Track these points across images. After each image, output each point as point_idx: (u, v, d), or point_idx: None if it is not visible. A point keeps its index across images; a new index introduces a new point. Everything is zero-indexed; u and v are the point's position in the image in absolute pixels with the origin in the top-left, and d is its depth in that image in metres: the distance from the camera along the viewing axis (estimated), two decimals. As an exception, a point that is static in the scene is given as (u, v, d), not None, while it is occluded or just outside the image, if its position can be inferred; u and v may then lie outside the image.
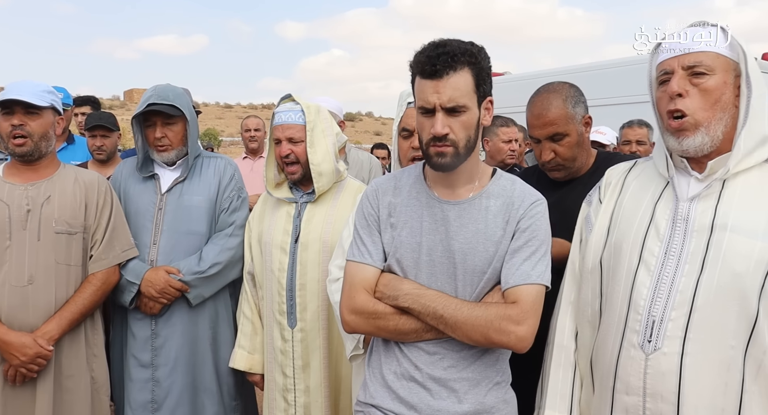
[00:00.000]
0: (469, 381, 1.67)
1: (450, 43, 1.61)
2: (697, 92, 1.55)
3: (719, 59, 1.56)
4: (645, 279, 1.59)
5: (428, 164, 1.69)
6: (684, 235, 1.57)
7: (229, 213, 2.72)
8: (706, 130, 1.56)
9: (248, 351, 2.60)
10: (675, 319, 1.53)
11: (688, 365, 1.51)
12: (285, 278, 2.44)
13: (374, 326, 1.69)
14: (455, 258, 1.66)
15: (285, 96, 2.56)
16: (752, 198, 1.54)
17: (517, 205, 1.68)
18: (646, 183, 1.72)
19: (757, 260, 1.48)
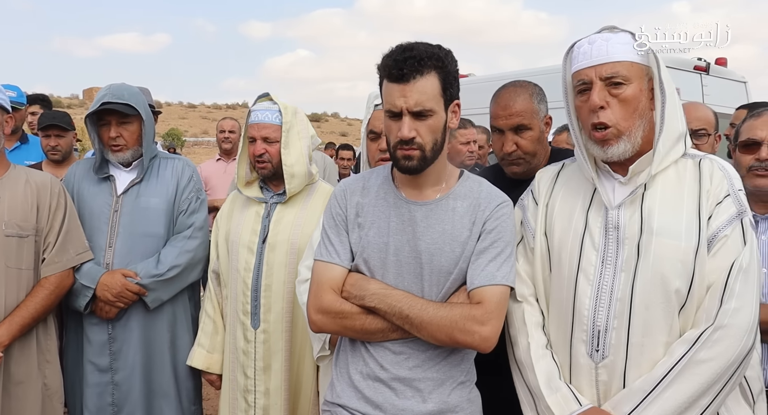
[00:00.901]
0: (434, 381, 1.67)
1: (417, 46, 1.61)
2: (617, 103, 1.61)
3: (634, 67, 1.62)
4: (586, 288, 1.65)
5: (395, 167, 1.71)
6: (617, 242, 1.63)
7: (188, 215, 2.67)
8: (628, 137, 1.62)
9: (207, 350, 2.56)
10: (618, 327, 1.59)
11: (631, 368, 1.58)
12: (250, 278, 2.41)
13: (341, 325, 1.69)
14: (422, 258, 1.67)
15: (262, 95, 2.54)
16: (671, 198, 1.62)
17: (484, 206, 1.70)
18: (574, 188, 1.77)
19: (682, 260, 1.56)
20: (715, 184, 1.61)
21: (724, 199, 1.59)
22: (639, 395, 1.54)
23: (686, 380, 1.50)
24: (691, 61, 6.24)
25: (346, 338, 1.78)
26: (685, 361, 1.51)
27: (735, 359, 1.50)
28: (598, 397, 1.63)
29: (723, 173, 1.63)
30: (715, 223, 1.57)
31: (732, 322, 1.50)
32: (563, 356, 1.70)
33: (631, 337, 1.58)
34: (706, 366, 1.50)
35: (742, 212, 1.59)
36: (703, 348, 1.51)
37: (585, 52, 1.65)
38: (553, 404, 1.63)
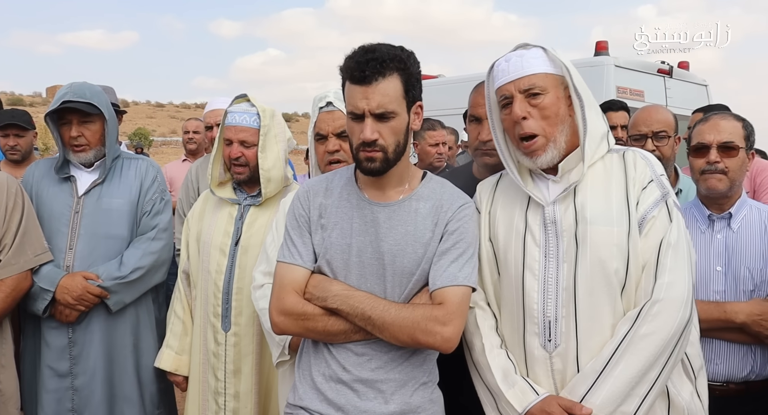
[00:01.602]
0: (396, 382, 1.68)
1: (379, 48, 1.61)
2: (538, 112, 1.70)
3: (548, 78, 1.71)
4: (533, 283, 1.71)
5: (358, 169, 1.71)
6: (556, 236, 1.72)
7: (152, 216, 2.63)
8: (554, 144, 1.71)
9: (176, 352, 2.53)
10: (566, 315, 1.67)
11: (583, 353, 1.65)
12: (222, 280, 2.38)
13: (303, 327, 1.68)
14: (384, 259, 1.67)
15: (240, 95, 2.50)
16: (601, 188, 1.71)
17: (446, 207, 1.71)
18: (513, 194, 1.85)
19: (617, 244, 1.65)
20: (639, 172, 1.71)
21: (648, 185, 1.69)
22: (591, 376, 1.60)
23: (633, 356, 1.57)
24: (655, 64, 6.38)
25: (309, 340, 1.77)
26: (630, 337, 1.59)
27: (675, 331, 1.58)
28: (555, 386, 1.69)
29: (645, 161, 1.74)
30: (642, 207, 1.67)
31: (667, 295, 1.59)
32: (518, 352, 1.75)
33: (579, 323, 1.65)
34: (649, 340, 1.57)
35: (665, 194, 1.69)
36: (644, 323, 1.58)
37: (503, 70, 1.75)
38: (511, 398, 1.67)
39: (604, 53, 5.10)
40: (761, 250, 2.11)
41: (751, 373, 2.08)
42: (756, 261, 2.10)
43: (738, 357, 2.09)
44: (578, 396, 1.61)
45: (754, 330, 2.03)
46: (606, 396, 1.57)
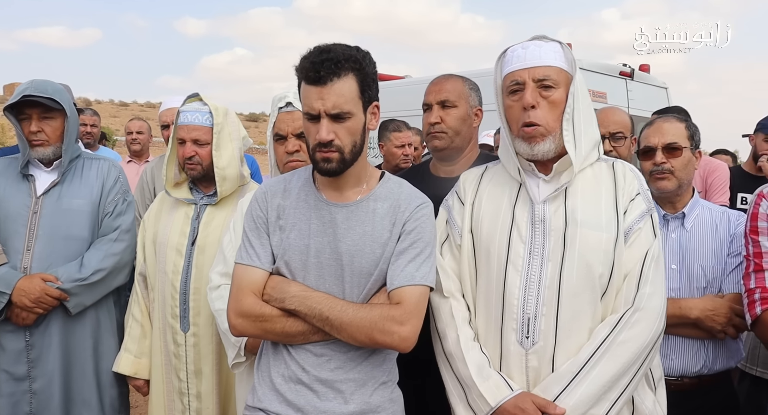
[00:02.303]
0: (356, 382, 1.68)
1: (334, 48, 1.61)
2: (547, 104, 1.72)
3: (562, 74, 1.74)
4: (515, 279, 1.73)
5: (315, 169, 1.71)
6: (543, 234, 1.74)
7: (114, 217, 2.59)
8: (553, 138, 1.74)
9: (135, 355, 2.50)
10: (547, 314, 1.68)
11: (559, 353, 1.67)
12: (179, 280, 2.37)
13: (261, 329, 1.68)
14: (342, 260, 1.67)
15: (192, 95, 2.49)
16: (591, 194, 1.76)
17: (404, 207, 1.72)
18: (500, 186, 1.87)
19: (604, 250, 1.69)
20: (628, 183, 1.77)
21: (636, 197, 1.76)
22: (567, 377, 1.63)
23: (609, 361, 1.62)
24: (617, 66, 6.50)
25: (268, 341, 1.77)
26: (608, 343, 1.63)
27: (650, 340, 1.65)
28: (527, 383, 1.71)
29: (633, 174, 1.81)
30: (629, 217, 1.73)
31: (648, 305, 1.65)
32: (493, 346, 1.76)
33: (560, 322, 1.68)
34: (626, 346, 1.62)
35: (650, 208, 1.77)
36: (624, 330, 1.64)
37: (519, 56, 1.76)
38: (485, 392, 1.68)
39: None
40: (713, 248, 2.18)
41: (704, 367, 2.14)
42: (708, 259, 2.17)
43: (692, 352, 2.15)
44: (552, 395, 1.63)
45: (707, 325, 2.09)
46: (580, 398, 1.60)
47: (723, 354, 2.16)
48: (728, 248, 2.18)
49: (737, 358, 2.23)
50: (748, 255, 2.04)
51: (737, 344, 2.21)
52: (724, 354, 2.16)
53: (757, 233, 2.01)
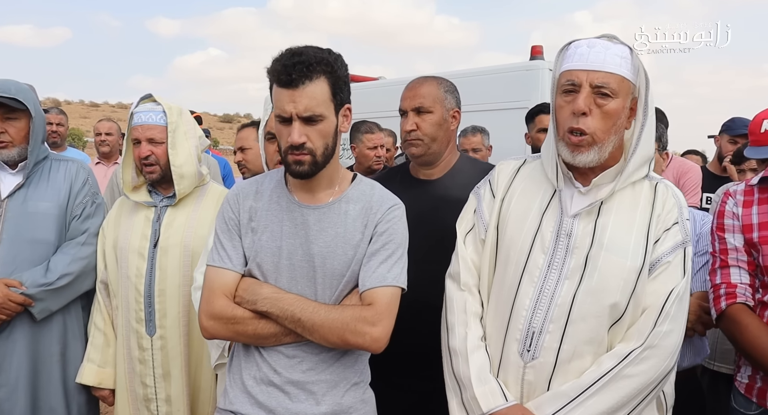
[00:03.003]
0: (328, 383, 1.69)
1: (306, 51, 1.61)
2: (600, 113, 1.61)
3: (624, 83, 1.63)
4: (528, 290, 1.68)
5: (287, 172, 1.71)
6: (566, 250, 1.67)
7: (82, 220, 2.54)
8: (600, 149, 1.64)
9: (98, 365, 2.46)
10: (552, 331, 1.64)
11: (558, 373, 1.63)
12: (143, 284, 2.34)
13: (233, 331, 1.67)
14: (315, 262, 1.67)
15: (145, 96, 2.47)
16: (625, 216, 1.67)
17: (375, 209, 1.72)
18: (533, 187, 1.78)
19: (625, 279, 1.62)
20: (667, 211, 1.68)
21: (672, 227, 1.66)
22: (563, 399, 1.59)
23: (610, 392, 1.56)
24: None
25: (239, 343, 1.76)
26: (613, 374, 1.57)
27: (657, 377, 1.59)
28: (522, 396, 1.67)
29: (675, 201, 1.70)
30: (660, 248, 1.64)
31: (662, 343, 1.58)
32: (495, 350, 1.73)
33: (564, 343, 1.62)
34: (630, 381, 1.56)
35: (686, 241, 1.67)
36: (632, 364, 1.57)
37: (582, 54, 1.64)
38: (480, 396, 1.65)
39: (539, 57, 5.23)
40: None
41: None
42: None
43: None
44: (544, 414, 1.60)
45: None
46: None
47: (690, 352, 2.20)
48: (695, 248, 2.21)
49: (703, 355, 2.28)
50: (714, 251, 2.08)
51: (703, 341, 2.26)
52: (691, 351, 2.20)
53: (723, 230, 2.06)
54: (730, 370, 2.54)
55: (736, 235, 2.03)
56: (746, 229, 2.01)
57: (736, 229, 2.03)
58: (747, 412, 2.00)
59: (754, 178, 2.10)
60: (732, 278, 2.01)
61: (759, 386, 1.97)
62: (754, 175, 2.12)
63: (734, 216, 2.04)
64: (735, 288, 1.99)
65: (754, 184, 2.06)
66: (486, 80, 5.72)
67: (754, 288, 2.00)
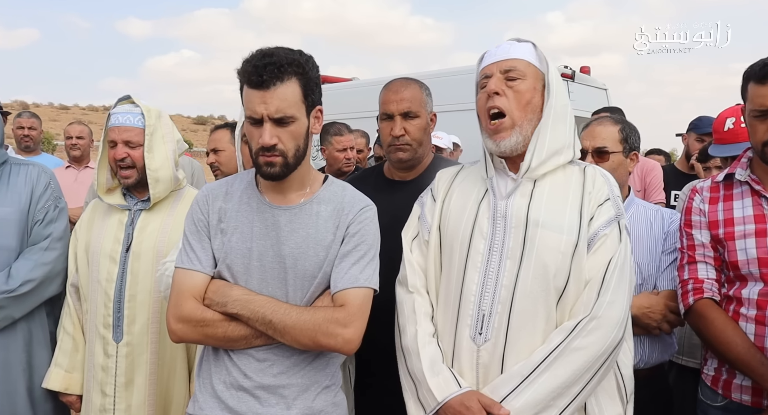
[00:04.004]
0: (299, 386, 1.67)
1: (277, 52, 1.60)
2: (512, 93, 1.73)
3: (530, 67, 1.76)
4: (473, 276, 1.72)
5: (258, 173, 1.69)
6: (504, 231, 1.73)
7: (45, 225, 2.48)
8: (520, 129, 1.73)
9: (66, 370, 2.40)
10: (501, 311, 1.68)
11: (509, 352, 1.66)
12: (113, 288, 2.29)
13: (202, 334, 1.65)
14: (286, 263, 1.66)
15: (123, 97, 2.43)
16: (558, 195, 1.74)
17: (347, 210, 1.72)
18: (470, 186, 1.86)
19: (563, 252, 1.67)
20: (597, 188, 1.75)
21: (604, 202, 1.74)
22: (517, 379, 1.61)
23: (561, 367, 1.59)
24: (559, 68, 6.66)
25: (209, 347, 1.73)
26: (562, 348, 1.60)
27: (606, 350, 1.61)
28: (477, 379, 1.70)
29: (604, 179, 1.79)
30: (596, 223, 1.70)
31: (606, 313, 1.62)
32: (448, 341, 1.76)
33: (512, 322, 1.66)
34: (579, 354, 1.60)
35: (619, 214, 1.74)
36: (578, 337, 1.61)
37: (491, 53, 1.81)
38: (434, 387, 1.67)
39: None
40: (648, 246, 2.25)
41: (641, 362, 2.20)
42: (643, 256, 2.23)
43: None
44: (499, 396, 1.61)
45: (643, 322, 2.13)
46: (527, 402, 1.58)
47: (658, 348, 2.23)
48: (662, 246, 2.24)
49: (671, 351, 2.31)
50: (682, 248, 2.12)
51: (671, 338, 2.29)
52: (659, 348, 2.23)
53: (690, 227, 2.09)
54: (696, 364, 2.59)
55: (703, 231, 2.06)
56: (712, 225, 2.04)
57: (702, 225, 2.06)
58: (713, 403, 2.04)
59: (719, 175, 2.13)
60: (699, 273, 2.04)
61: (724, 378, 2.01)
62: (719, 173, 2.15)
63: (701, 213, 2.08)
64: (702, 283, 2.02)
65: (719, 181, 2.09)
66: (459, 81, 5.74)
67: (720, 283, 2.03)
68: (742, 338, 1.89)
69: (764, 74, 1.85)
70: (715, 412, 2.03)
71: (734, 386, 1.97)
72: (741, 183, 2.02)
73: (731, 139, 2.70)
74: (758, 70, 1.88)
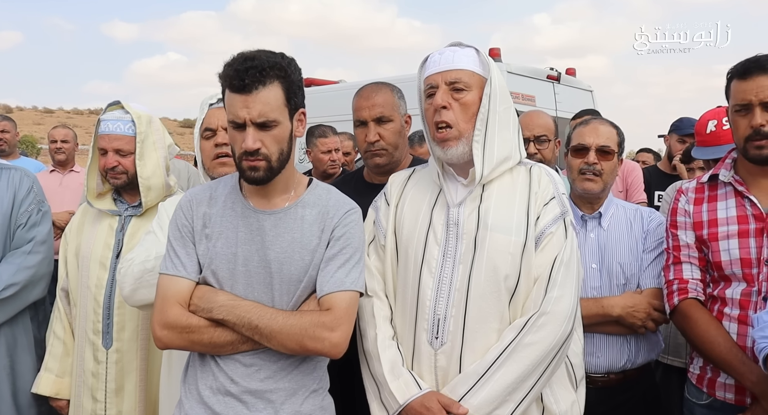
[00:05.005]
0: (286, 391, 1.66)
1: (259, 56, 1.59)
2: (458, 106, 1.76)
3: (474, 77, 1.78)
4: (428, 280, 1.77)
5: (242, 178, 1.68)
6: (456, 238, 1.78)
7: (28, 228, 2.46)
8: (466, 139, 1.77)
9: (56, 374, 2.38)
10: (455, 315, 1.72)
11: (466, 354, 1.71)
12: (102, 295, 2.27)
13: (188, 340, 1.64)
14: (271, 268, 1.65)
15: (113, 103, 2.39)
16: (505, 198, 1.79)
17: (332, 214, 1.71)
18: (422, 190, 1.90)
19: (512, 253, 1.73)
20: (543, 188, 1.80)
21: (550, 201, 1.79)
22: (473, 377, 1.67)
23: (514, 363, 1.65)
24: (545, 70, 6.71)
25: (195, 353, 1.72)
26: (514, 345, 1.66)
27: (556, 343, 1.67)
28: (437, 382, 1.74)
29: (549, 178, 1.83)
30: (542, 222, 1.76)
31: (554, 309, 1.68)
32: (407, 345, 1.80)
33: (467, 324, 1.71)
34: (532, 349, 1.65)
35: (564, 212, 1.80)
36: (530, 333, 1.67)
37: (435, 61, 1.81)
38: (395, 389, 1.71)
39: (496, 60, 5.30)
40: (629, 245, 2.26)
41: (628, 362, 2.21)
42: (625, 256, 2.24)
43: (616, 349, 2.21)
44: (458, 396, 1.67)
45: (628, 322, 2.15)
46: (484, 398, 1.64)
47: (645, 348, 2.24)
48: (643, 245, 2.26)
49: (657, 350, 2.33)
50: (668, 248, 2.14)
51: (657, 336, 2.31)
52: (646, 347, 2.25)
53: (676, 227, 2.11)
54: (682, 363, 2.62)
55: (688, 232, 2.08)
56: (696, 226, 2.06)
57: (687, 226, 2.08)
58: (698, 401, 2.06)
59: (704, 175, 2.15)
60: (684, 273, 2.06)
61: (709, 377, 2.03)
62: (703, 173, 2.17)
63: (686, 213, 2.10)
64: (687, 284, 2.04)
65: (704, 181, 2.11)
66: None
67: (705, 283, 2.05)
68: (724, 337, 1.91)
69: (745, 70, 1.91)
70: (701, 410, 2.05)
71: (718, 384, 1.99)
72: (725, 184, 2.04)
73: (713, 141, 2.73)
74: (740, 67, 1.93)
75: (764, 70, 1.87)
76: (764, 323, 1.68)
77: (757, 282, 1.90)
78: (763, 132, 1.88)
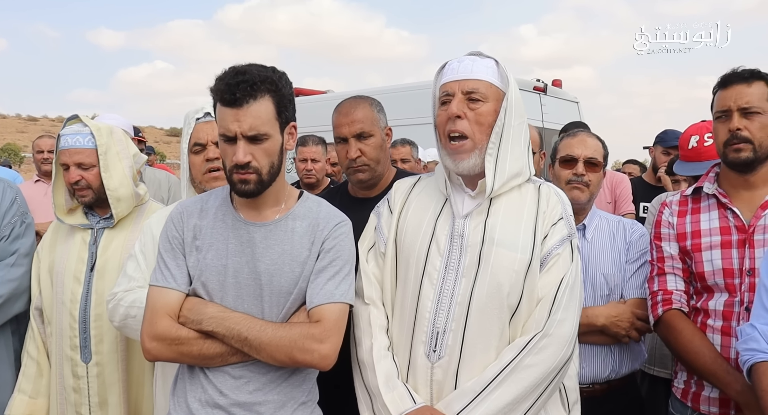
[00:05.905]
0: (275, 403, 1.66)
1: (250, 70, 1.60)
2: (473, 116, 1.73)
3: (492, 89, 1.76)
4: (429, 292, 1.74)
5: (233, 191, 1.69)
6: (461, 250, 1.74)
7: (11, 241, 2.43)
8: (479, 151, 1.74)
9: (30, 395, 2.33)
10: (455, 329, 1.69)
11: (463, 369, 1.68)
12: (78, 309, 2.24)
13: (177, 352, 1.63)
14: (261, 280, 1.65)
15: (71, 117, 2.37)
16: (513, 214, 1.76)
17: (322, 226, 1.72)
18: (427, 199, 1.87)
19: (516, 270, 1.70)
20: (551, 207, 1.78)
21: (558, 222, 1.77)
22: (470, 395, 1.63)
23: (513, 384, 1.62)
24: (531, 82, 6.77)
25: (184, 365, 1.71)
26: (513, 365, 1.63)
27: (555, 366, 1.65)
28: (431, 396, 1.72)
29: (558, 198, 1.82)
30: (549, 242, 1.73)
31: (557, 331, 1.66)
32: (403, 357, 1.77)
33: (466, 339, 1.68)
34: (531, 371, 1.63)
35: (572, 234, 1.78)
36: (530, 354, 1.64)
37: (453, 69, 1.79)
38: (389, 402, 1.68)
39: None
40: (612, 256, 2.28)
41: (612, 372, 2.23)
42: (609, 267, 2.26)
43: (600, 359, 2.22)
44: (453, 412, 1.63)
45: (612, 331, 2.17)
46: None
47: (628, 358, 2.26)
48: (626, 256, 2.29)
49: (641, 360, 2.35)
50: (652, 260, 2.16)
51: (640, 346, 2.32)
52: (630, 357, 2.26)
53: (660, 239, 2.14)
54: (668, 374, 2.63)
55: (672, 243, 2.10)
56: (680, 237, 2.09)
57: (671, 237, 2.11)
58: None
59: (688, 188, 2.18)
60: (668, 285, 2.09)
61: (694, 391, 2.04)
62: (687, 185, 2.20)
63: (670, 225, 2.12)
64: (671, 295, 2.06)
65: (688, 194, 2.15)
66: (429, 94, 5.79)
67: (689, 294, 2.07)
68: (708, 348, 1.93)
69: (726, 79, 2.00)
70: (685, 424, 2.05)
71: (702, 398, 2.00)
72: (708, 196, 2.07)
73: (694, 157, 2.78)
74: (722, 79, 2.02)
75: (743, 79, 1.96)
76: (747, 335, 1.71)
77: (739, 292, 1.93)
78: (740, 136, 1.94)
